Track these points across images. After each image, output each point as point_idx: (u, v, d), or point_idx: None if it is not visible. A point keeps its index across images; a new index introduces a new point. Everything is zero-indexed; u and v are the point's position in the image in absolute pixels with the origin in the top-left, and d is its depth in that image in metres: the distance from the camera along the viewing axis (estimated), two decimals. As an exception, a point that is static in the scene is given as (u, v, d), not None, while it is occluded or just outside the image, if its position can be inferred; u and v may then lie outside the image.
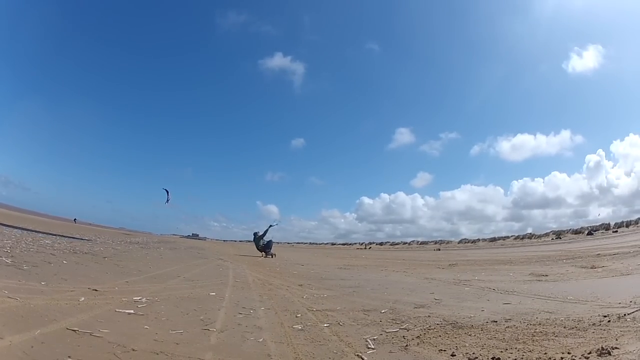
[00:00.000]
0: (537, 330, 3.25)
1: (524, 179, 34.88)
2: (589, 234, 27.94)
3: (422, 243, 37.57)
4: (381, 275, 9.61)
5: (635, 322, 3.28)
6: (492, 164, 42.63)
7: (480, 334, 3.26)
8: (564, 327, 3.30)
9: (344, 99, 60.47)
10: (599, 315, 3.60)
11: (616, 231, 26.50)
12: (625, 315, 3.51)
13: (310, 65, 57.88)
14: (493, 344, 2.94)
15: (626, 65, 38.16)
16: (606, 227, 28.87)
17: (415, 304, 4.83)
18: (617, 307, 3.96)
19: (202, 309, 4.11)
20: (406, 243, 39.01)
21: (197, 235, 64.42)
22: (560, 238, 28.63)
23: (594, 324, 3.32)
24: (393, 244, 40.70)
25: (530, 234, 32.07)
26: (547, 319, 3.67)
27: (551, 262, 10.82)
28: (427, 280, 8.04)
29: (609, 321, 3.37)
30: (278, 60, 60.26)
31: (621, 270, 7.34)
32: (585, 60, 35.65)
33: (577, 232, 29.40)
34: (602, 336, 2.93)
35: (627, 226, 27.14)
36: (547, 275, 7.65)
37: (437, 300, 5.16)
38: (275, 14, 60.28)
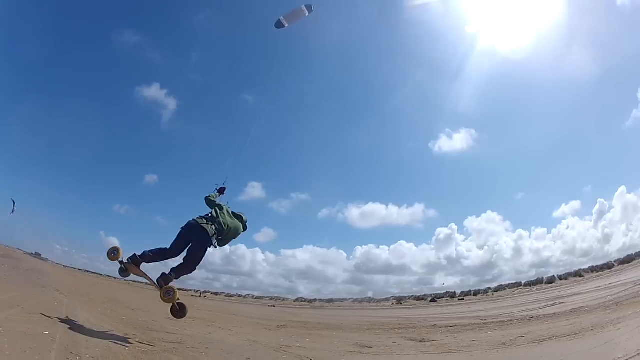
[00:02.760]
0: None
1: (369, 245, 35.79)
2: (433, 300, 28.41)
3: (258, 297, 36.42)
4: (206, 331, 8.98)
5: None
6: (339, 228, 44.33)
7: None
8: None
9: (207, 144, 59.23)
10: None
11: (462, 299, 27.37)
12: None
13: (183, 104, 57.07)
14: None
15: (495, 150, 45.72)
16: (452, 295, 29.39)
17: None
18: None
19: (37, 348, 4.14)
20: (241, 296, 37.82)
21: (40, 254, 52.78)
22: (401, 303, 28.75)
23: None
24: (228, 295, 39.04)
25: (370, 297, 32.16)
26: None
27: (382, 330, 10.59)
28: (249, 342, 7.74)
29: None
30: (154, 91, 58.64)
31: (450, 346, 6.98)
32: (453, 142, 41.29)
33: (419, 298, 29.89)
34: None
35: (475, 295, 28.27)
36: (371, 347, 7.34)
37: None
38: (168, 43, 59.38)
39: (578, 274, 26.77)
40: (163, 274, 5.85)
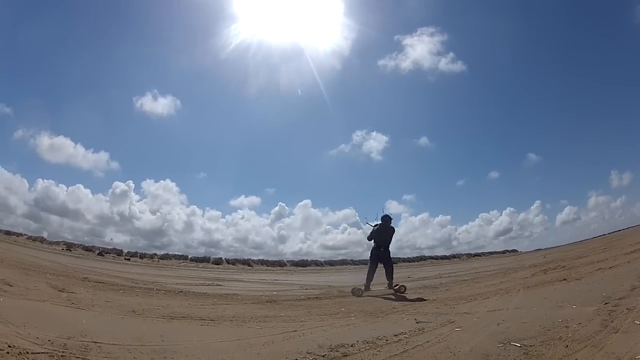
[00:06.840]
0: None
1: (50, 180, 31.87)
2: (100, 254, 26.91)
3: (-52, 217, 33.74)
4: None
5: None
6: (28, 154, 37.25)
7: None
8: None
9: None
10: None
11: (129, 259, 26.67)
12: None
13: None
14: None
15: (193, 127, 44.54)
16: (119, 252, 28.52)
17: None
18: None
19: None
20: None
21: None
22: (70, 250, 26.77)
23: None
24: None
25: (43, 238, 29.21)
26: None
27: (36, 273, 8.94)
28: None
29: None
30: None
31: (84, 301, 5.73)
32: (157, 104, 35.85)
33: (88, 249, 28.28)
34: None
35: (141, 257, 27.81)
36: (12, 286, 6.33)
37: None
38: None
39: (247, 262, 28.04)
40: (388, 285, 8.74)
